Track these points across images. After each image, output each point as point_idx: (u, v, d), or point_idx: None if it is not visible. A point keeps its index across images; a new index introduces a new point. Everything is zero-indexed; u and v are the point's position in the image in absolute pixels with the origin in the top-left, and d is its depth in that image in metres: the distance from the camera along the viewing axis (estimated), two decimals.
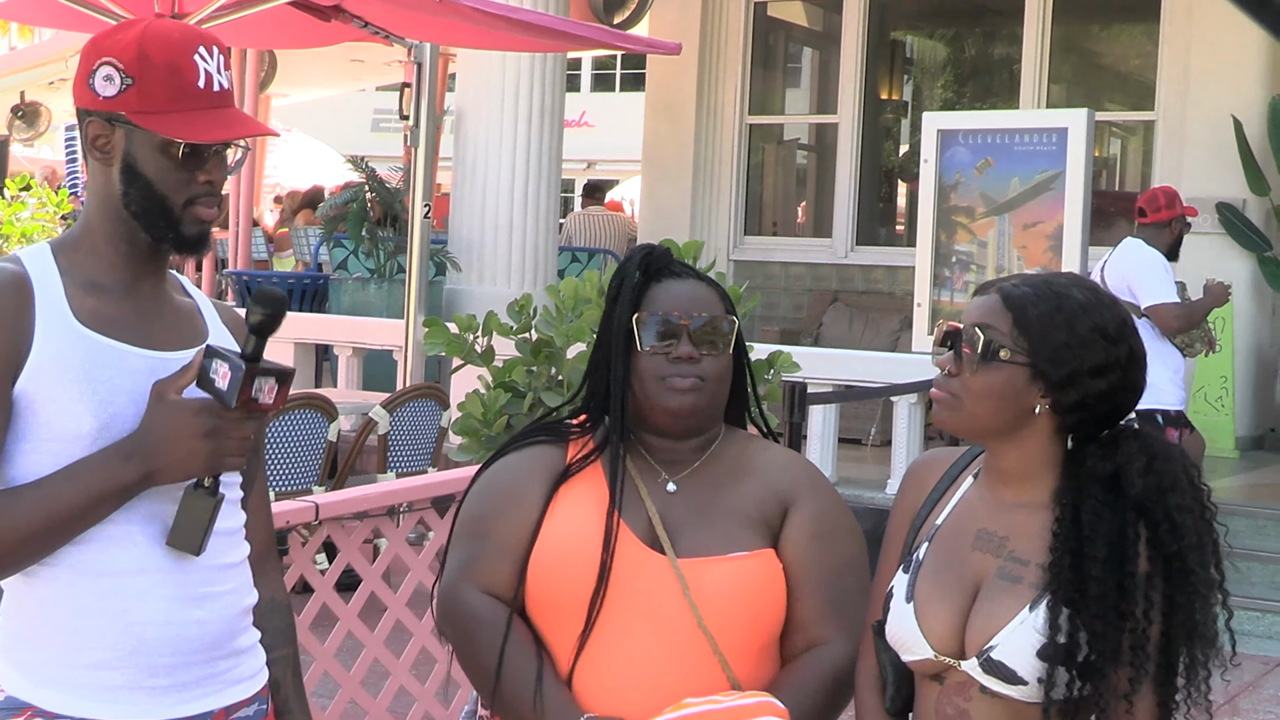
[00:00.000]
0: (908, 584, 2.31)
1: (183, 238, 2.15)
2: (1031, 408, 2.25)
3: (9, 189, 14.05)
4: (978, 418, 2.27)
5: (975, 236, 7.97)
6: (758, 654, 2.48)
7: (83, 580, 2.09)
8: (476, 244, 10.22)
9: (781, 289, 12.47)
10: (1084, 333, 2.23)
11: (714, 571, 2.45)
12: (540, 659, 2.45)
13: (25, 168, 16.92)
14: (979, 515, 2.33)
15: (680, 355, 2.50)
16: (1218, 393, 9.99)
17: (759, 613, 2.46)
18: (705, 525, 2.49)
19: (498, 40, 8.36)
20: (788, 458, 2.64)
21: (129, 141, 2.13)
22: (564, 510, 2.51)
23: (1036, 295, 2.26)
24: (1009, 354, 2.24)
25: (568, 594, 2.45)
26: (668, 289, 2.56)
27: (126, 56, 2.12)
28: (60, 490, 2.04)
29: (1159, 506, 2.20)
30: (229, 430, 2.08)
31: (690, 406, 2.50)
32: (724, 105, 12.56)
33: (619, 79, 29.96)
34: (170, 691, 2.14)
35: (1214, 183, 10.38)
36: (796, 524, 2.51)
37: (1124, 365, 2.25)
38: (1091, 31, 12.77)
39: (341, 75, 16.28)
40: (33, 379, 2.05)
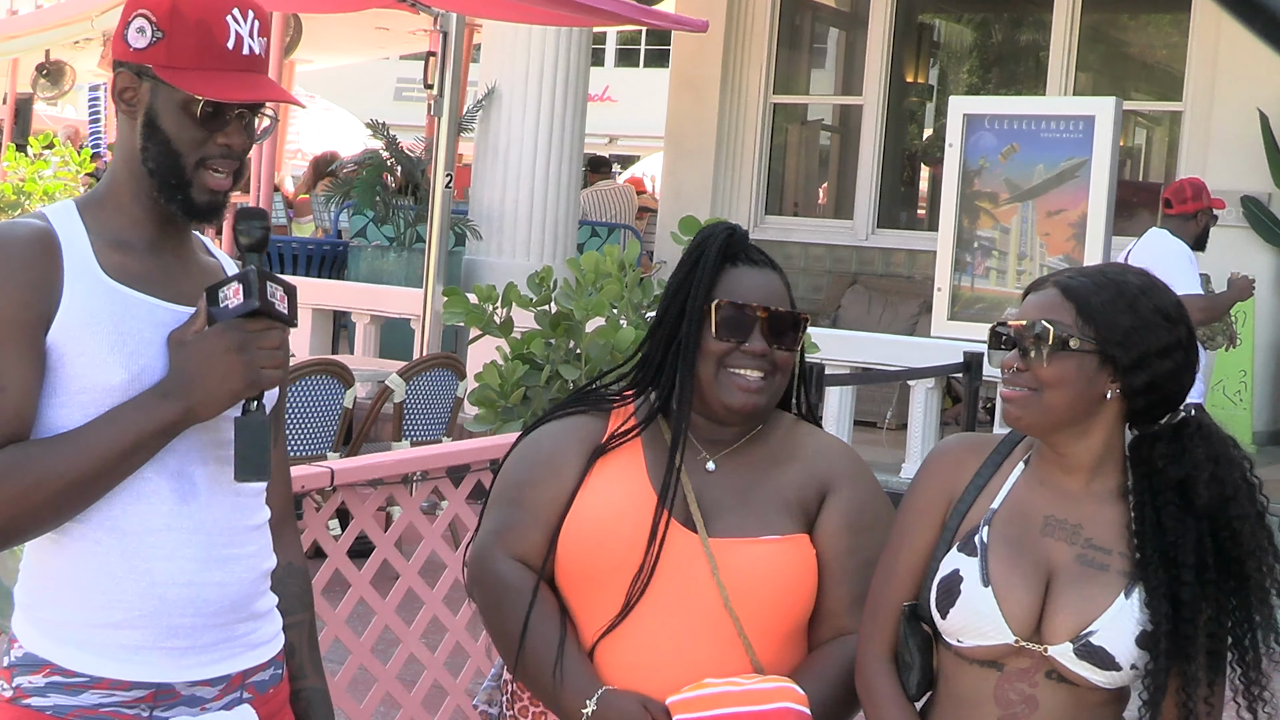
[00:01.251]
0: (979, 568, 2.29)
1: (191, 202, 2.14)
2: (1103, 394, 2.28)
3: (32, 147, 14.08)
4: (1054, 410, 2.28)
5: (998, 222, 7.94)
6: (784, 639, 2.46)
7: (110, 538, 2.09)
8: (497, 215, 10.21)
9: (801, 270, 12.44)
10: (1147, 315, 2.27)
11: (744, 553, 2.43)
12: (564, 629, 2.45)
13: (49, 126, 16.94)
14: (1042, 502, 2.34)
15: (753, 350, 2.49)
16: (1236, 387, 9.95)
17: (787, 597, 2.45)
18: (741, 506, 2.48)
19: (525, 13, 8.34)
20: (832, 444, 2.61)
21: (153, 95, 2.13)
22: (600, 483, 2.50)
23: (1095, 284, 2.29)
24: (1078, 342, 2.26)
25: (600, 568, 2.45)
26: (745, 275, 2.53)
27: (160, 10, 2.12)
28: (102, 435, 2.04)
29: (1222, 515, 2.26)
30: (257, 341, 2.08)
31: (753, 406, 2.50)
32: (748, 84, 12.52)
33: (643, 54, 29.89)
34: (189, 653, 2.14)
35: (1239, 176, 10.33)
36: (833, 512, 2.49)
37: (1185, 345, 2.30)
38: (1120, 20, 12.70)
39: (366, 43, 16.25)
40: (63, 332, 2.05)
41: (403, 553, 4.59)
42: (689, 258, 2.56)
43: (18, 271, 2.04)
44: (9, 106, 15.86)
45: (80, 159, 13.92)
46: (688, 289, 2.53)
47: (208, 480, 2.15)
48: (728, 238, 2.55)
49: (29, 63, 16.19)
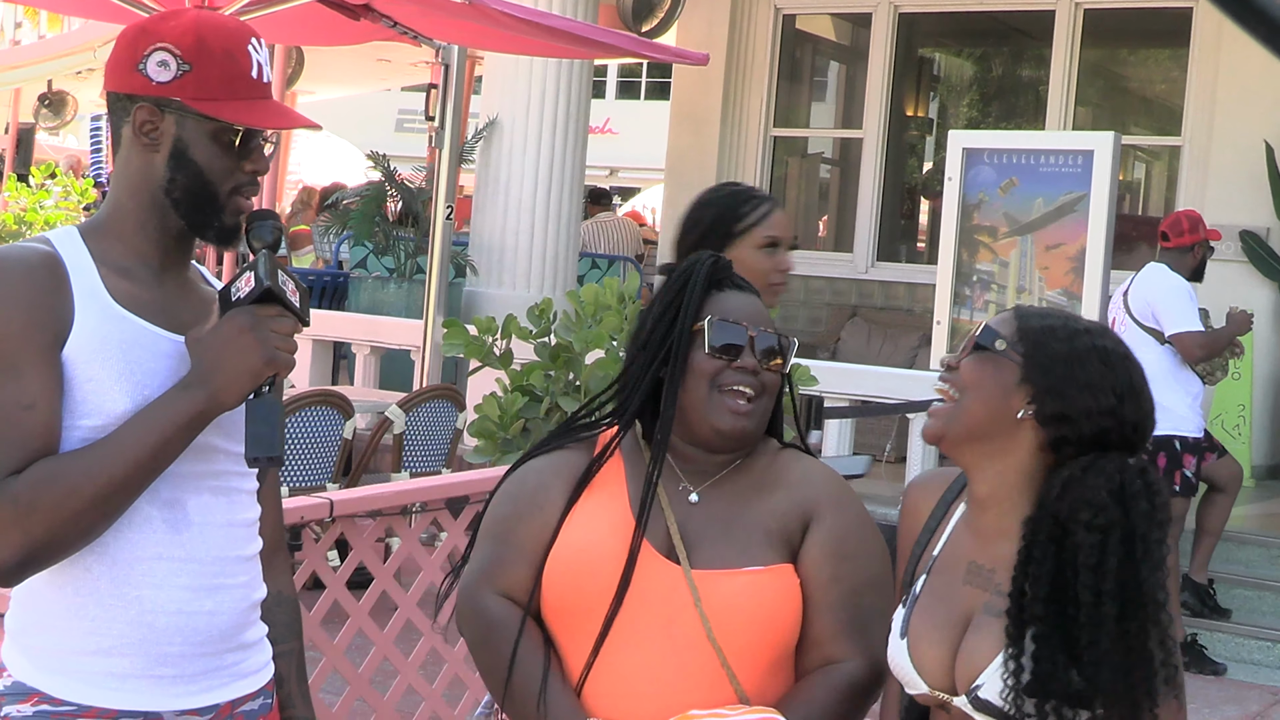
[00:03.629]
0: (903, 619, 2.32)
1: (224, 227, 2.17)
2: (1015, 412, 2.24)
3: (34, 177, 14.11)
4: (967, 415, 2.26)
5: (997, 256, 7.96)
6: (769, 668, 2.46)
7: (100, 565, 2.09)
8: (497, 247, 10.23)
9: (800, 302, 12.46)
10: (1081, 350, 2.24)
11: (727, 584, 2.43)
12: (548, 662, 2.45)
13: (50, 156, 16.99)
14: (968, 547, 2.32)
15: (746, 366, 2.50)
16: (1235, 421, 9.95)
17: (770, 627, 2.44)
18: (723, 537, 2.47)
19: (526, 45, 8.37)
20: (816, 472, 2.60)
21: (180, 128, 2.14)
22: (583, 516, 2.51)
23: (1045, 313, 2.31)
24: (1004, 345, 2.26)
25: (582, 601, 2.45)
26: (731, 298, 2.56)
27: (185, 43, 2.14)
28: (131, 436, 2.05)
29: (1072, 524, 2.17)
30: (269, 324, 2.09)
31: (741, 430, 2.50)
32: (749, 116, 12.56)
33: (644, 87, 29.99)
34: (178, 681, 2.14)
35: (1238, 211, 10.35)
36: (816, 540, 2.49)
37: (1118, 392, 2.22)
38: (1119, 55, 12.75)
39: (368, 74, 16.31)
40: (74, 357, 2.06)
41: (401, 584, 4.59)
42: (674, 284, 2.58)
43: (32, 294, 2.05)
44: (11, 136, 15.89)
45: (82, 189, 13.94)
46: (675, 312, 2.54)
47: (200, 510, 2.16)
48: (713, 264, 2.58)
49: (31, 92, 16.25)
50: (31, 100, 16.36)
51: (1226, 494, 7.67)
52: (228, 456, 2.17)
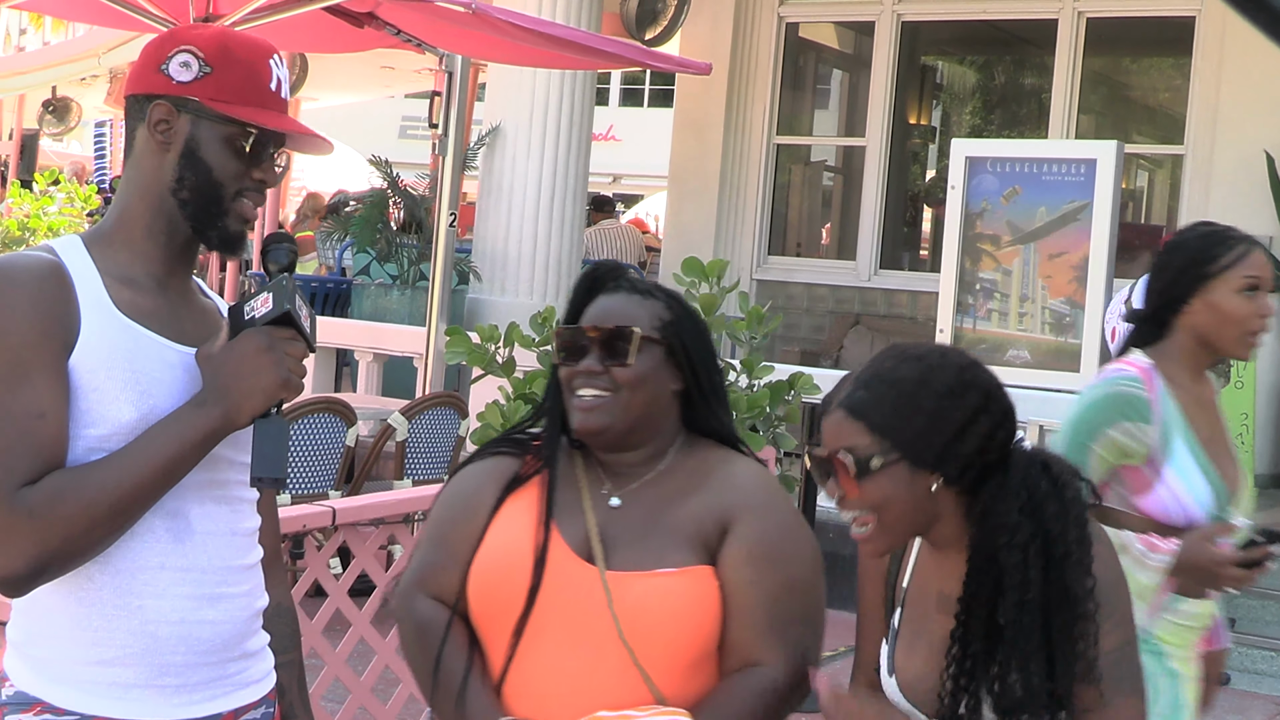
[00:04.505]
0: (889, 656, 2.36)
1: (226, 232, 2.19)
2: (928, 489, 2.25)
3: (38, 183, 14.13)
4: (896, 526, 2.28)
5: (1000, 264, 7.96)
6: (687, 670, 2.47)
7: (103, 575, 2.09)
8: (500, 254, 10.23)
9: (803, 310, 12.46)
10: (930, 406, 2.23)
11: (640, 586, 2.45)
12: (470, 662, 2.50)
13: (54, 162, 17.02)
14: (934, 578, 2.36)
15: (583, 369, 2.54)
16: (1238, 430, 9.95)
17: (684, 629, 2.45)
18: (641, 540, 2.50)
19: (529, 55, 8.38)
20: (742, 474, 2.60)
21: (194, 127, 2.17)
22: (505, 520, 2.55)
23: (874, 396, 2.26)
24: (880, 460, 2.24)
25: (501, 602, 2.50)
26: (597, 303, 2.60)
27: (208, 47, 2.18)
28: (144, 451, 2.05)
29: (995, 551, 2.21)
30: (283, 345, 2.11)
31: (594, 425, 2.53)
32: (752, 124, 12.57)
33: (648, 94, 30.01)
34: (180, 691, 2.14)
35: (1240, 219, 10.20)
36: (736, 543, 2.49)
37: (982, 410, 2.25)
38: (1122, 64, 12.76)
39: (372, 81, 16.33)
40: (80, 366, 2.06)
41: None
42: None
43: (37, 303, 2.05)
44: (15, 142, 15.91)
45: (85, 195, 13.96)
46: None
47: (203, 519, 2.16)
48: (598, 271, 2.64)
49: (35, 99, 16.28)
50: (36, 106, 16.39)
51: None
52: (232, 465, 2.18)
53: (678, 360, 2.58)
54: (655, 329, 2.56)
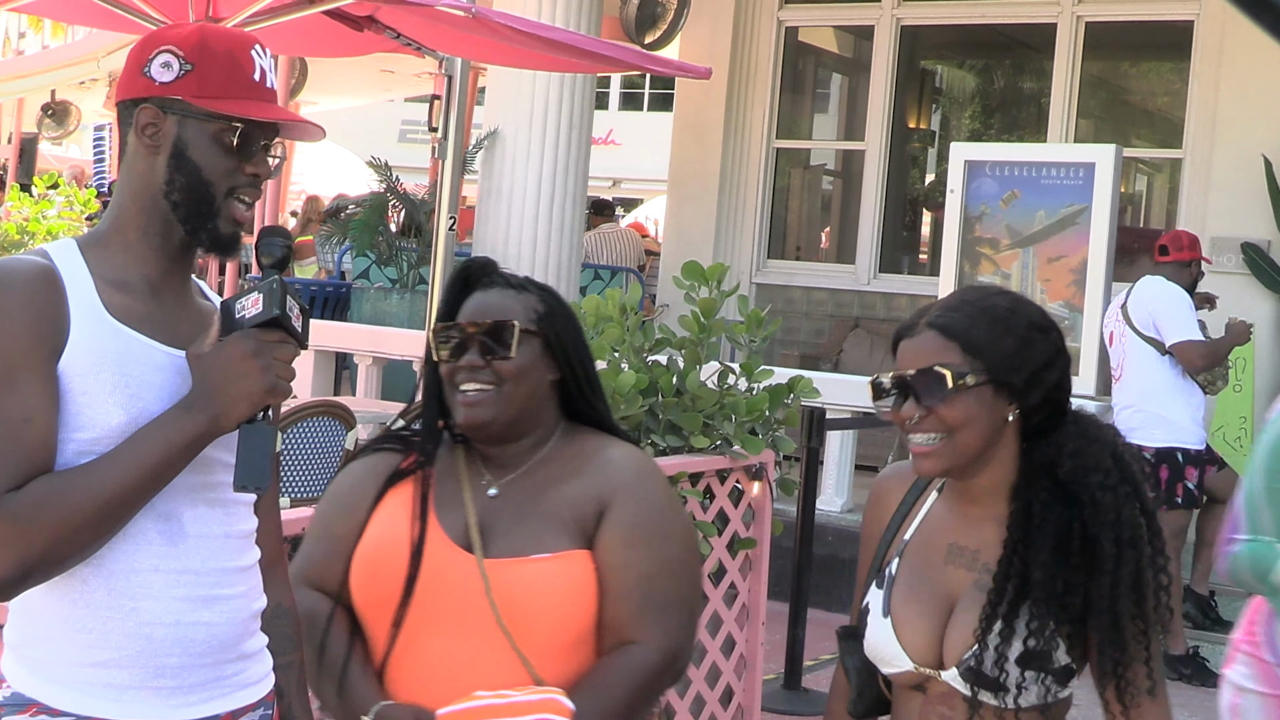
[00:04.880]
0: (883, 599, 2.38)
1: (218, 234, 2.18)
2: (1004, 419, 2.32)
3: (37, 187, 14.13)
4: (968, 449, 2.32)
5: (999, 268, 7.97)
6: (566, 652, 2.54)
7: (97, 577, 2.10)
8: (500, 258, 10.10)
9: (803, 314, 12.47)
10: (1024, 332, 2.32)
11: (517, 571, 2.53)
12: (350, 649, 2.57)
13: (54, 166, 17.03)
14: (948, 530, 2.39)
15: (466, 364, 2.62)
16: (1236, 433, 9.96)
17: (562, 612, 2.53)
18: (518, 527, 2.58)
19: (528, 59, 8.38)
20: (617, 459, 2.68)
21: (181, 128, 2.16)
22: (386, 512, 2.64)
23: (968, 317, 2.33)
24: (974, 378, 2.29)
25: (380, 591, 2.57)
26: (475, 299, 2.69)
27: (187, 45, 2.17)
28: (131, 455, 2.05)
29: (1083, 488, 2.27)
30: (271, 350, 2.10)
31: (480, 418, 2.61)
32: (751, 128, 12.58)
33: (647, 98, 30.03)
34: (177, 693, 2.14)
35: (1239, 223, 10.36)
36: (610, 527, 2.58)
37: (1060, 349, 2.35)
38: (1121, 68, 12.77)
39: (371, 85, 16.34)
40: (68, 370, 2.06)
41: None
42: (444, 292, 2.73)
43: (28, 306, 2.05)
44: (14, 146, 15.92)
45: (85, 199, 13.97)
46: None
47: (197, 522, 2.16)
48: (468, 266, 2.73)
49: (34, 102, 16.29)
50: (35, 110, 16.40)
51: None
52: (225, 468, 2.17)
53: (554, 351, 2.68)
54: (532, 321, 2.66)
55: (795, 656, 6.57)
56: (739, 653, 5.37)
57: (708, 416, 5.08)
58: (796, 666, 6.58)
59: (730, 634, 5.29)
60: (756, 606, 5.41)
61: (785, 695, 6.48)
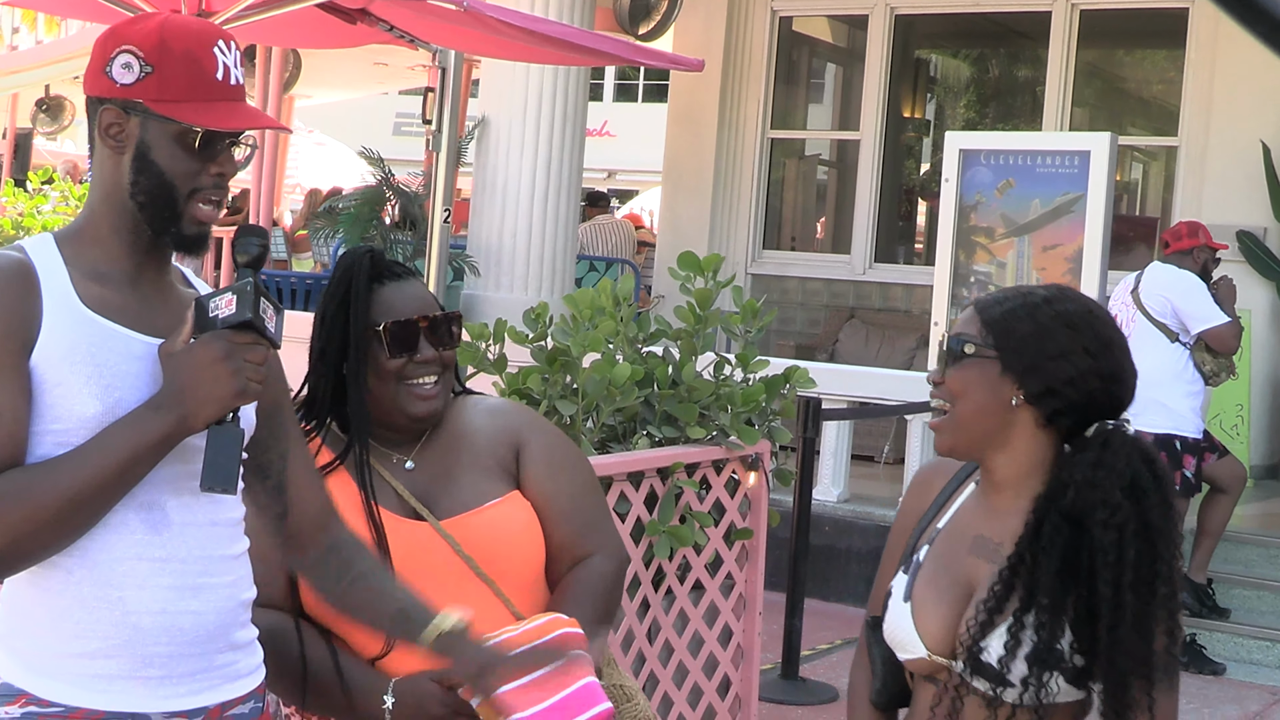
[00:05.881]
0: (906, 584, 2.39)
1: (182, 235, 2.17)
2: (1009, 400, 2.32)
3: (31, 182, 14.12)
4: (965, 422, 2.35)
5: (994, 257, 7.96)
6: (533, 586, 2.69)
7: (81, 568, 2.09)
8: (495, 250, 10.23)
9: (798, 304, 12.47)
10: (1045, 321, 2.32)
11: (474, 523, 2.64)
12: (334, 649, 2.60)
13: (48, 161, 17.00)
14: (976, 520, 2.39)
15: (424, 358, 2.70)
16: (1233, 421, 9.96)
17: (525, 549, 2.68)
18: (453, 486, 2.69)
19: (521, 52, 8.37)
20: (505, 405, 2.86)
21: (144, 130, 2.14)
22: None
23: (1003, 296, 2.39)
24: (974, 348, 2.33)
25: None
26: (395, 290, 2.74)
27: (147, 45, 2.14)
28: (99, 452, 2.05)
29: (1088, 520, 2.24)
30: (242, 352, 2.09)
31: (434, 410, 2.72)
32: (746, 118, 12.57)
33: (642, 89, 30.00)
34: (165, 683, 2.14)
35: (1235, 211, 10.36)
36: (530, 461, 2.74)
37: (1091, 352, 2.31)
38: (1116, 56, 12.76)
39: (365, 78, 16.31)
40: (41, 363, 2.06)
41: None
42: (338, 287, 2.74)
43: (2, 301, 2.05)
44: (8, 141, 15.91)
45: (79, 194, 13.95)
46: (344, 316, 2.71)
47: (180, 510, 2.15)
48: (370, 259, 2.75)
49: (29, 98, 16.25)
50: (29, 105, 16.37)
51: (1229, 495, 7.68)
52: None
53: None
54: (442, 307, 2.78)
55: (792, 646, 6.57)
56: (736, 643, 5.36)
57: (703, 407, 5.07)
58: (794, 656, 6.58)
59: (727, 624, 5.29)
60: (753, 597, 5.41)
61: (782, 685, 6.48)
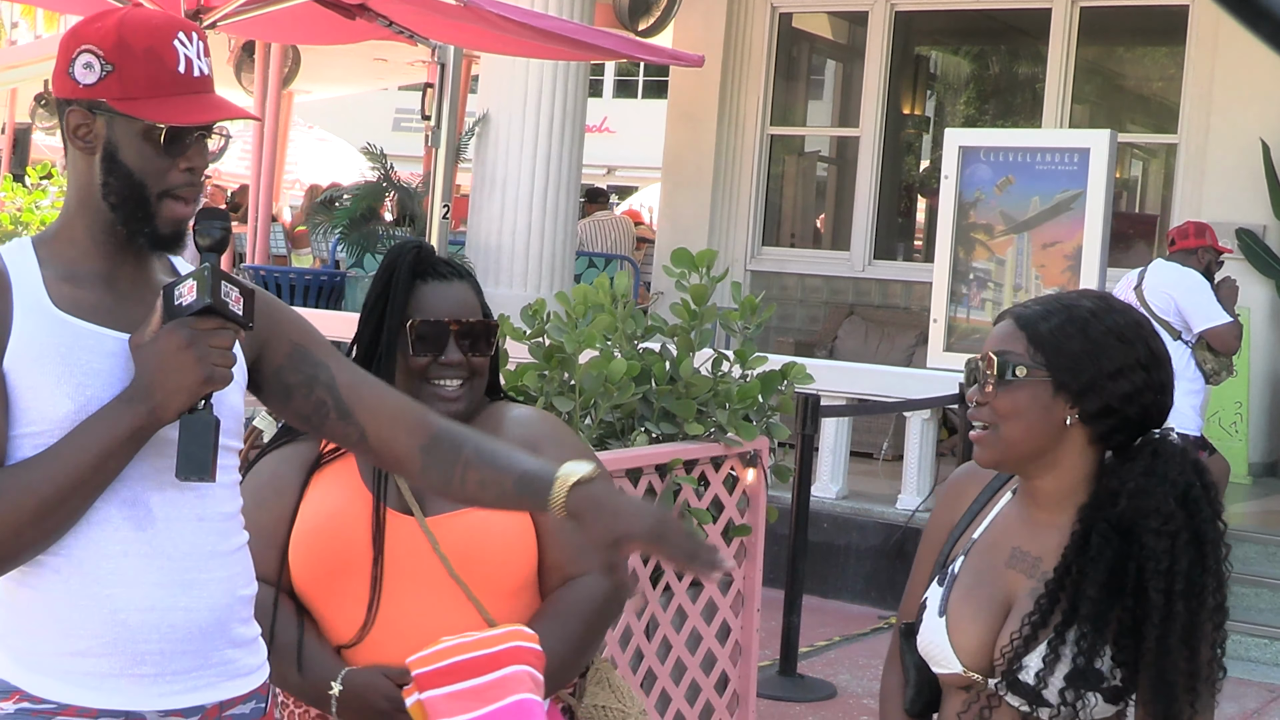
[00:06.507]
0: (941, 597, 2.34)
1: (157, 234, 2.15)
2: (1062, 421, 2.27)
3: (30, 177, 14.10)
4: (1013, 443, 2.29)
5: (994, 254, 7.96)
6: (515, 595, 2.67)
7: (68, 566, 2.09)
8: (494, 246, 10.23)
9: (797, 300, 12.46)
10: (1097, 337, 2.26)
11: (458, 524, 2.64)
12: (301, 628, 2.65)
13: (47, 156, 16.96)
14: (1014, 533, 2.35)
15: (450, 361, 2.70)
16: (1232, 418, 9.96)
17: (506, 557, 2.66)
18: None
19: (521, 47, 8.37)
20: (531, 415, 2.84)
21: (110, 129, 2.12)
22: (318, 495, 2.72)
23: (1046, 310, 2.30)
24: (1025, 370, 2.26)
25: (332, 568, 2.66)
26: (436, 290, 2.75)
27: (106, 43, 2.11)
28: (72, 449, 2.04)
29: (1140, 530, 2.21)
30: (206, 338, 2.07)
31: (454, 413, 2.68)
32: (746, 115, 12.56)
33: (641, 86, 29.99)
34: (158, 680, 2.12)
35: (1234, 208, 10.35)
36: None
37: (1145, 365, 2.27)
38: (1116, 53, 12.75)
39: (365, 73, 16.29)
40: (12, 366, 2.06)
41: None
42: (380, 278, 2.77)
43: None
44: (7, 136, 15.89)
45: None
46: (382, 309, 2.74)
47: (164, 505, 2.14)
48: (416, 255, 2.76)
49: (27, 93, 16.23)
50: (28, 100, 16.34)
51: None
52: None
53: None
54: (486, 314, 2.78)
55: (790, 643, 6.57)
56: (734, 639, 5.36)
57: (701, 404, 5.07)
58: (792, 653, 6.57)
59: (725, 620, 5.29)
60: (752, 593, 5.41)
61: (781, 681, 6.48)
